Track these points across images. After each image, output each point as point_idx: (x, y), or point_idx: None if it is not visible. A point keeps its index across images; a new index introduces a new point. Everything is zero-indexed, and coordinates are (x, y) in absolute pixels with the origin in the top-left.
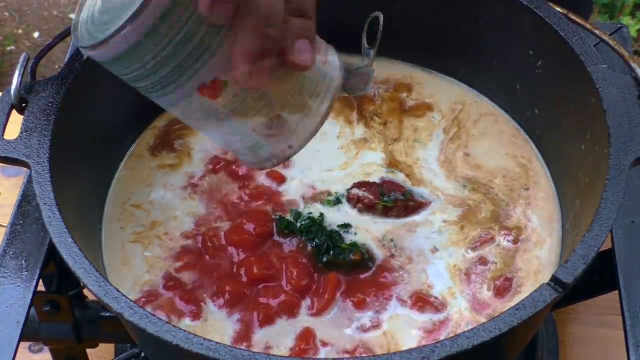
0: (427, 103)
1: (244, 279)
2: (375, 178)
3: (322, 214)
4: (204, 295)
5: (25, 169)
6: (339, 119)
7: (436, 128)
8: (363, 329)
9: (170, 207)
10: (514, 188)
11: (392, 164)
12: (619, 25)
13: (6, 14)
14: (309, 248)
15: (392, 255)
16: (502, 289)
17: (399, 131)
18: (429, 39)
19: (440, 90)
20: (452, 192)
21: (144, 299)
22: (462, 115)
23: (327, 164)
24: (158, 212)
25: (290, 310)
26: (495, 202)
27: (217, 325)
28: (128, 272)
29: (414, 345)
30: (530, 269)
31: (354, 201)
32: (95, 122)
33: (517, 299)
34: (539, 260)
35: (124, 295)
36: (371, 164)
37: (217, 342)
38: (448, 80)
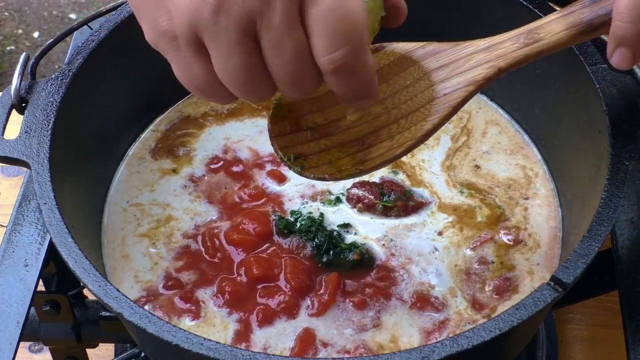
0: None
1: (244, 279)
2: (375, 178)
3: (322, 214)
4: (204, 295)
5: (25, 169)
6: None
7: (444, 133)
8: (363, 329)
9: (170, 207)
10: (514, 197)
11: (397, 164)
12: None
13: (6, 14)
14: (309, 248)
15: (392, 255)
16: (502, 289)
17: None
18: (428, 39)
19: None
20: (449, 197)
21: (144, 299)
22: (470, 125)
23: None
24: (159, 212)
25: (289, 310)
26: (492, 207)
27: (217, 325)
28: (128, 272)
29: (414, 345)
30: (530, 269)
31: (354, 201)
32: (95, 122)
33: (517, 298)
34: (539, 260)
35: (124, 295)
36: None
37: (217, 342)
38: None
